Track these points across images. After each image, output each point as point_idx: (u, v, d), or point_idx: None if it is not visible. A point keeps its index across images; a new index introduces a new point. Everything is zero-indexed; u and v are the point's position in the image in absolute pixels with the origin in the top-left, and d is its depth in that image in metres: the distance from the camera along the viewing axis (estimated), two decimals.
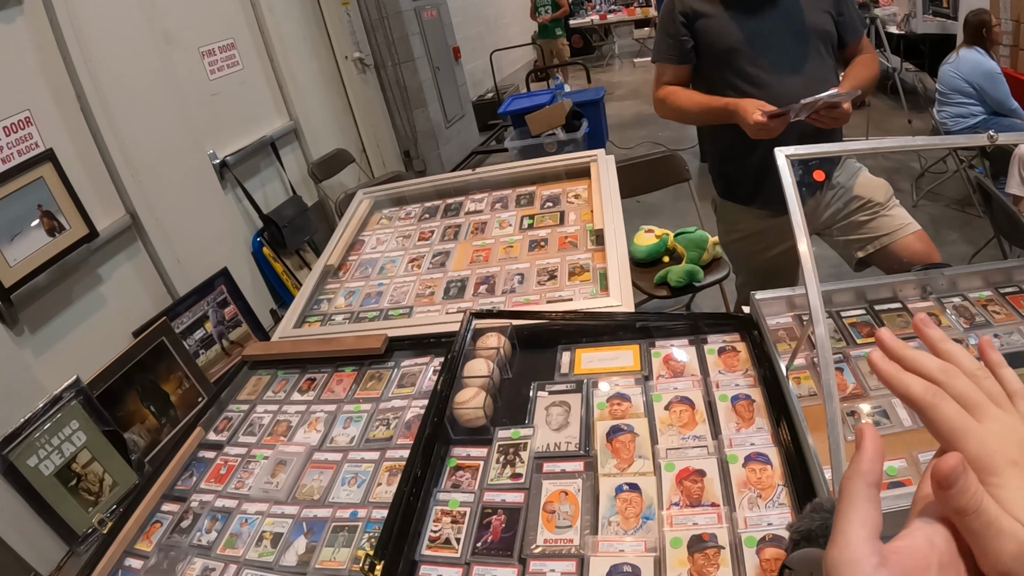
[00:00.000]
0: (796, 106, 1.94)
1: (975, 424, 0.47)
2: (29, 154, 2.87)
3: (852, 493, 0.47)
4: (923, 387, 0.49)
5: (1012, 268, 1.73)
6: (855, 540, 0.45)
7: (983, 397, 0.49)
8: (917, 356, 0.53)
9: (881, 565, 0.43)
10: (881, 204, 2.31)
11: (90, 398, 2.50)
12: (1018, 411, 0.50)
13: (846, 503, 0.47)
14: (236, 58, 4.65)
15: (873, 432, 0.50)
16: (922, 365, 0.52)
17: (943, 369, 0.51)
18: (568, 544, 1.21)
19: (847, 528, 0.46)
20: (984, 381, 0.51)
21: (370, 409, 1.72)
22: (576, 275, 2.08)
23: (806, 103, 1.92)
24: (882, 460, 0.48)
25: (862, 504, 0.47)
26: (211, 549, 1.45)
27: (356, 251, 2.60)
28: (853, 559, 0.44)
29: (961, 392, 0.49)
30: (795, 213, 1.28)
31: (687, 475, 1.28)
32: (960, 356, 0.53)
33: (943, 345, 0.55)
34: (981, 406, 0.49)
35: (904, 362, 0.52)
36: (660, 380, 1.54)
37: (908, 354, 0.53)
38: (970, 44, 4.83)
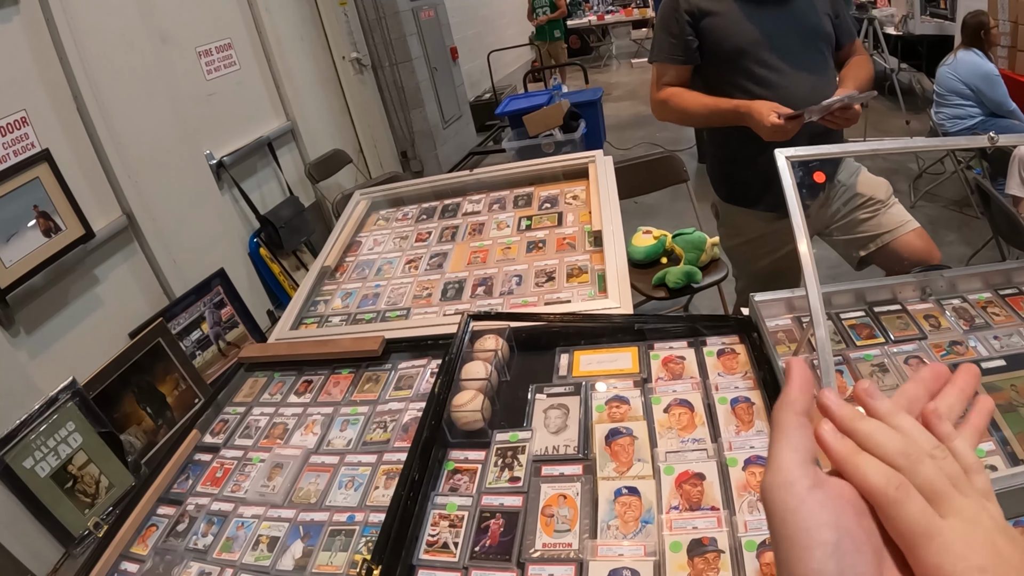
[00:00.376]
0: (812, 108, 1.93)
1: (939, 523, 0.43)
2: (25, 154, 2.87)
3: (782, 421, 0.48)
4: (886, 478, 0.45)
5: (1011, 270, 1.72)
6: (787, 463, 0.45)
7: (947, 484, 0.45)
8: (873, 433, 0.47)
9: (815, 486, 0.44)
10: (882, 202, 2.31)
11: (86, 399, 2.49)
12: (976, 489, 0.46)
13: (777, 431, 0.48)
14: (233, 58, 4.64)
15: (800, 364, 0.50)
16: (880, 446, 0.47)
17: (905, 453, 0.46)
18: (567, 548, 1.20)
19: (779, 454, 0.46)
20: (944, 462, 0.46)
21: (367, 412, 1.71)
22: (574, 276, 2.07)
23: (824, 105, 1.92)
24: (810, 390, 0.49)
25: (792, 431, 0.47)
26: (207, 553, 1.44)
27: (353, 252, 2.59)
28: (787, 481, 0.44)
29: (925, 481, 0.44)
30: (795, 214, 1.27)
31: (687, 478, 1.27)
32: (917, 433, 0.48)
33: (895, 420, 0.49)
34: (945, 496, 0.44)
35: (857, 438, 0.48)
36: (659, 382, 1.53)
37: (861, 428, 0.48)
38: (968, 46, 4.82)
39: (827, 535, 0.42)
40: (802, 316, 1.66)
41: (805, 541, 0.42)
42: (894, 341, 1.56)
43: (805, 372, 0.49)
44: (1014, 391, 1.37)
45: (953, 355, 1.50)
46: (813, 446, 0.47)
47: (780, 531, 0.43)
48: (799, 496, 0.43)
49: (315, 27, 5.86)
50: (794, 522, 0.43)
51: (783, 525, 0.43)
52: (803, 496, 0.43)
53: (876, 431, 0.48)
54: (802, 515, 0.43)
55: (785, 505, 0.44)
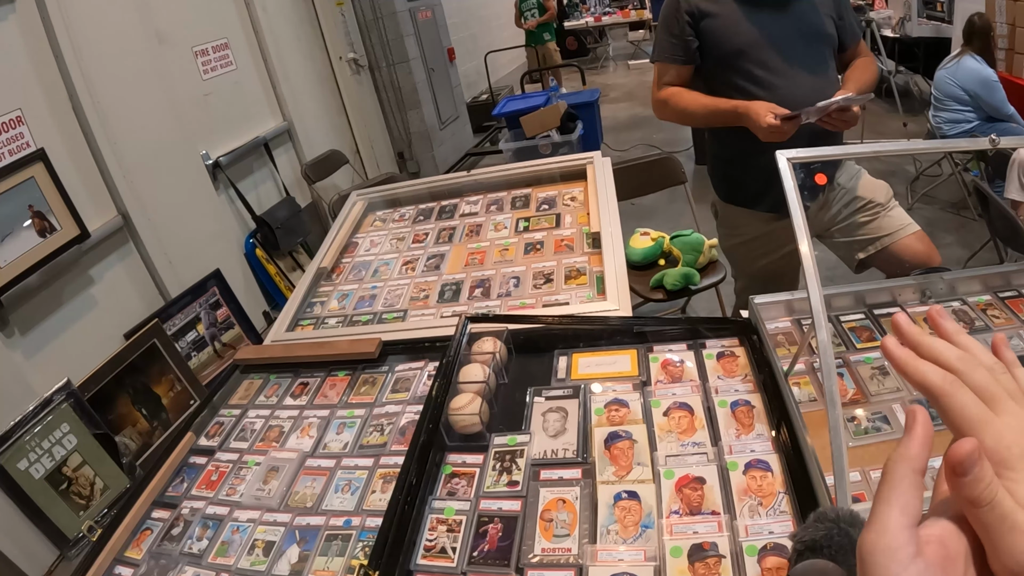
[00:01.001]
0: (809, 109, 1.93)
1: (992, 416, 0.45)
2: (20, 154, 2.85)
3: (896, 477, 0.45)
4: (940, 375, 0.48)
5: (1010, 272, 1.72)
6: (894, 527, 0.43)
7: (1000, 390, 0.48)
8: (934, 344, 0.51)
9: (918, 555, 0.42)
10: (882, 205, 2.31)
11: (81, 401, 2.48)
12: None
13: (888, 487, 0.45)
14: (230, 58, 4.63)
15: (925, 417, 0.47)
16: (939, 353, 0.50)
17: (961, 358, 0.49)
18: (566, 553, 1.19)
19: (887, 513, 0.44)
20: (1001, 376, 0.49)
21: (364, 415, 1.69)
22: (572, 278, 2.06)
23: (821, 106, 1.92)
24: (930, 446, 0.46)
25: (906, 490, 0.45)
26: (202, 557, 1.43)
27: (350, 253, 2.58)
28: (891, 547, 0.43)
29: (978, 383, 0.48)
30: (796, 216, 1.26)
31: (687, 482, 1.27)
32: (977, 350, 0.51)
33: (959, 337, 0.53)
34: (998, 399, 0.47)
35: (920, 349, 0.51)
36: (658, 385, 1.52)
37: (925, 341, 0.51)
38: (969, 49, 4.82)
39: None
40: (802, 318, 1.65)
41: None
42: None
43: (929, 427, 0.47)
44: None
45: None
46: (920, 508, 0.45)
47: None
48: (902, 564, 0.42)
49: (312, 27, 5.85)
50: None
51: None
52: (906, 565, 0.42)
53: (936, 343, 0.51)
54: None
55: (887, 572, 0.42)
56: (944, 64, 4.99)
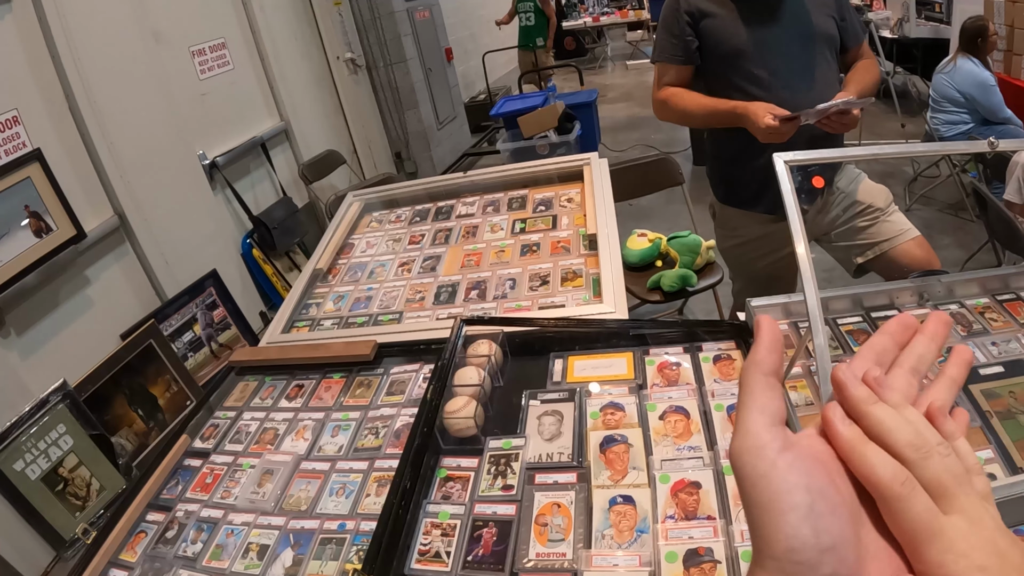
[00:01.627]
0: (809, 111, 1.93)
1: (943, 521, 0.42)
2: (16, 154, 2.84)
3: (750, 383, 0.47)
4: (892, 472, 0.43)
5: (1009, 275, 1.71)
6: (756, 427, 0.44)
7: (952, 482, 0.44)
8: (885, 420, 0.45)
9: (785, 449, 0.43)
10: (881, 210, 2.30)
11: (77, 401, 2.47)
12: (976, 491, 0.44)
13: (745, 394, 0.47)
14: (227, 58, 4.62)
15: (770, 322, 0.49)
16: (890, 434, 0.45)
17: (915, 445, 0.44)
18: (561, 558, 1.18)
19: (747, 417, 0.45)
20: (947, 459, 0.45)
21: (359, 417, 1.69)
22: (569, 280, 2.06)
23: (820, 108, 1.91)
24: (780, 350, 0.48)
25: (760, 392, 0.46)
26: (196, 561, 1.42)
27: (346, 254, 2.57)
28: (756, 445, 0.43)
29: (932, 476, 0.43)
30: (793, 219, 1.26)
31: (682, 487, 1.26)
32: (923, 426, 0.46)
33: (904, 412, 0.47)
34: (949, 494, 0.43)
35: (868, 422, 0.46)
36: (655, 389, 1.51)
37: (874, 414, 0.46)
38: (965, 52, 4.82)
39: (800, 498, 0.41)
40: (799, 321, 1.64)
41: (777, 505, 0.41)
42: None
43: (775, 331, 0.48)
44: (1012, 398, 1.36)
45: None
46: (781, 408, 0.46)
47: (751, 496, 0.43)
48: (769, 460, 0.42)
49: (309, 27, 5.83)
50: (765, 486, 0.42)
51: (754, 490, 0.42)
52: (773, 460, 0.42)
53: (888, 419, 0.46)
54: (773, 479, 0.42)
55: (755, 470, 0.43)
56: (941, 67, 4.99)
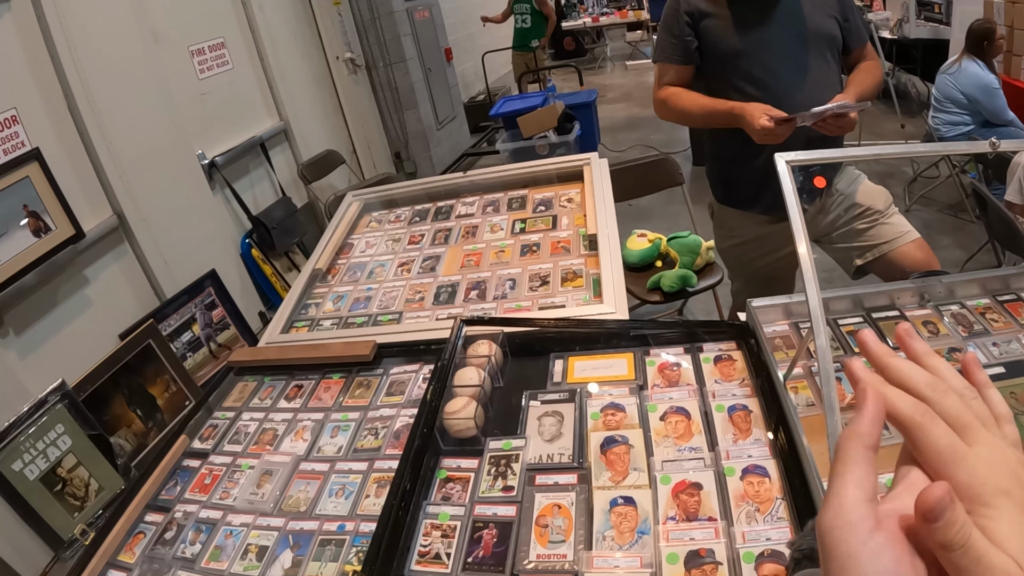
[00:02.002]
0: (805, 113, 1.92)
1: (965, 449, 0.44)
2: (15, 153, 2.84)
3: (849, 455, 0.45)
4: (911, 406, 0.46)
5: (1010, 276, 1.71)
6: (850, 502, 0.43)
7: (973, 419, 0.46)
8: (903, 367, 0.49)
9: (876, 529, 0.42)
10: (881, 212, 2.29)
11: (76, 401, 2.46)
12: (1004, 435, 0.47)
13: (842, 464, 0.45)
14: (226, 57, 4.61)
15: (876, 392, 0.47)
16: (908, 378, 0.48)
17: (931, 385, 0.47)
18: (562, 560, 1.18)
19: (842, 490, 0.44)
20: (972, 402, 0.48)
21: (358, 418, 1.68)
22: (569, 281, 2.06)
23: (816, 111, 1.91)
24: (882, 422, 0.46)
25: (859, 466, 0.45)
26: (195, 562, 1.42)
27: (345, 254, 2.57)
28: (848, 522, 0.43)
29: (950, 412, 0.46)
30: (795, 220, 1.25)
31: (683, 488, 1.26)
32: (947, 372, 0.50)
33: (929, 359, 0.51)
34: (971, 428, 0.45)
35: (887, 372, 0.49)
36: (655, 389, 1.51)
37: (892, 363, 0.49)
38: (970, 54, 4.82)
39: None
40: (800, 322, 1.64)
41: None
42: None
43: (880, 404, 0.47)
44: (1014, 399, 1.36)
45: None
46: (876, 483, 0.45)
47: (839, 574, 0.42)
48: (861, 539, 0.42)
49: (309, 26, 5.83)
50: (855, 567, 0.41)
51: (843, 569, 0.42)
52: (864, 539, 0.42)
53: (905, 366, 0.49)
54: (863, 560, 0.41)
55: (847, 548, 0.42)
56: (946, 67, 4.98)
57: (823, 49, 2.21)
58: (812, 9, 2.18)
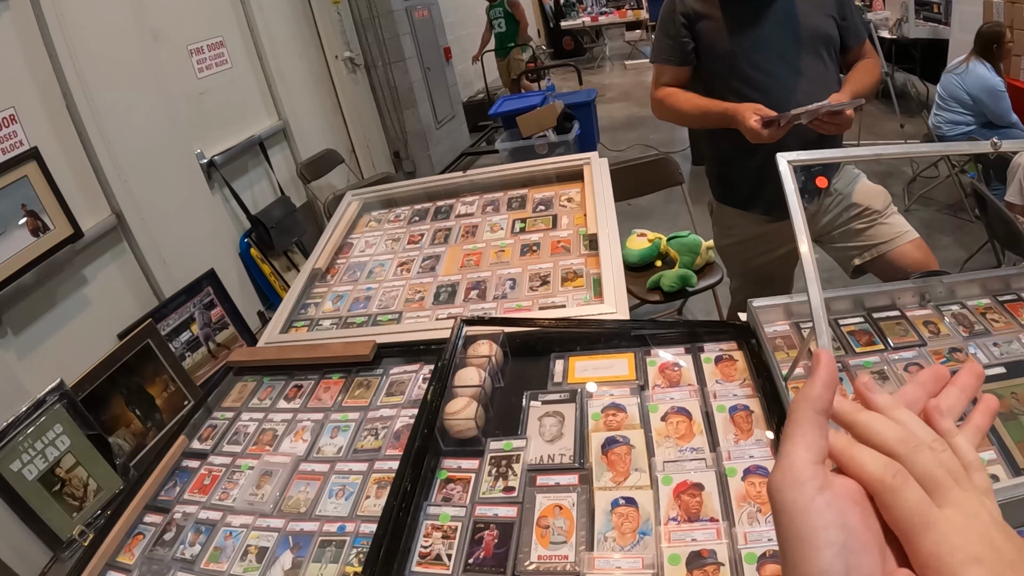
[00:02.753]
0: (796, 112, 1.92)
1: (936, 514, 0.43)
2: (13, 152, 2.84)
3: (800, 418, 0.47)
4: (882, 466, 0.45)
5: (1010, 276, 1.71)
6: (799, 463, 0.45)
7: (945, 475, 0.45)
8: (872, 424, 0.48)
9: (824, 488, 0.44)
10: (879, 212, 2.29)
11: (74, 401, 2.46)
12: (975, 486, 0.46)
13: (793, 427, 0.47)
14: (225, 56, 4.61)
15: (829, 359, 0.49)
16: (878, 434, 0.47)
17: (903, 440, 0.46)
18: (563, 560, 1.17)
19: (791, 451, 0.46)
20: (942, 455, 0.46)
21: (358, 418, 1.67)
22: (569, 280, 2.05)
23: (809, 109, 1.91)
24: (834, 388, 0.48)
25: (808, 429, 0.46)
26: (195, 563, 1.41)
27: (344, 254, 2.56)
28: (797, 481, 0.44)
29: (922, 470, 0.45)
30: (797, 220, 1.25)
31: (685, 489, 1.25)
32: (915, 425, 0.49)
33: (895, 413, 0.49)
34: (942, 487, 0.44)
35: (856, 430, 0.49)
36: (656, 390, 1.50)
37: (861, 419, 0.49)
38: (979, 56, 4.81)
39: (835, 535, 0.42)
40: (801, 322, 1.64)
41: (813, 541, 0.42)
42: (894, 348, 1.54)
43: (832, 369, 0.49)
44: (1014, 399, 1.36)
45: (953, 362, 1.48)
46: (826, 447, 0.46)
47: (788, 530, 0.44)
48: (808, 496, 0.43)
49: (308, 26, 5.83)
50: (803, 521, 0.43)
51: (791, 524, 0.43)
52: (812, 496, 0.43)
53: (873, 421, 0.48)
54: (811, 515, 0.43)
55: (795, 505, 0.44)
56: (953, 67, 4.97)
57: (819, 49, 2.21)
58: (808, 9, 2.18)
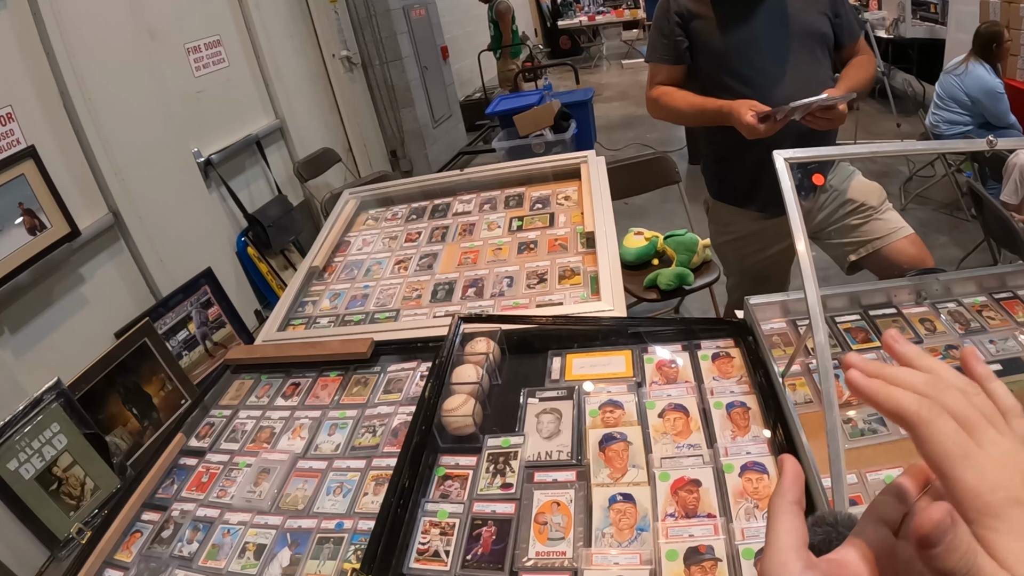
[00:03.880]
0: (790, 107, 1.92)
1: (975, 448, 0.41)
2: (10, 151, 2.83)
3: (777, 510, 0.50)
4: (915, 401, 0.44)
5: (1006, 274, 1.72)
6: (782, 546, 0.47)
7: (979, 416, 0.43)
8: (898, 373, 0.47)
9: (808, 568, 0.46)
10: (874, 208, 2.30)
11: (71, 400, 2.45)
12: (1013, 431, 0.44)
13: (773, 519, 0.49)
14: (222, 55, 4.60)
15: (792, 460, 0.53)
16: (906, 379, 0.46)
17: (931, 383, 0.46)
18: (561, 557, 1.18)
19: (775, 538, 0.48)
20: (976, 398, 0.45)
21: (355, 415, 1.68)
22: (566, 278, 2.05)
23: (800, 105, 1.91)
24: (801, 482, 0.51)
25: (786, 517, 0.49)
26: (192, 560, 1.42)
27: (342, 252, 2.57)
28: (782, 562, 0.46)
29: (954, 409, 0.43)
30: (794, 217, 1.25)
31: (682, 485, 1.26)
32: (944, 371, 0.48)
33: (921, 361, 0.49)
34: (978, 427, 0.43)
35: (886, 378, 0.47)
36: (653, 387, 1.51)
37: (887, 372, 0.48)
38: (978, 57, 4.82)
39: None
40: (798, 319, 1.64)
41: None
42: None
43: (797, 467, 0.52)
44: None
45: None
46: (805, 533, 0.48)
47: None
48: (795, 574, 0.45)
49: (305, 24, 5.82)
50: None
51: None
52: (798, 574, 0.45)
53: (901, 371, 0.48)
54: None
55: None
56: (951, 67, 4.98)
57: (812, 46, 2.21)
58: (801, 6, 2.18)
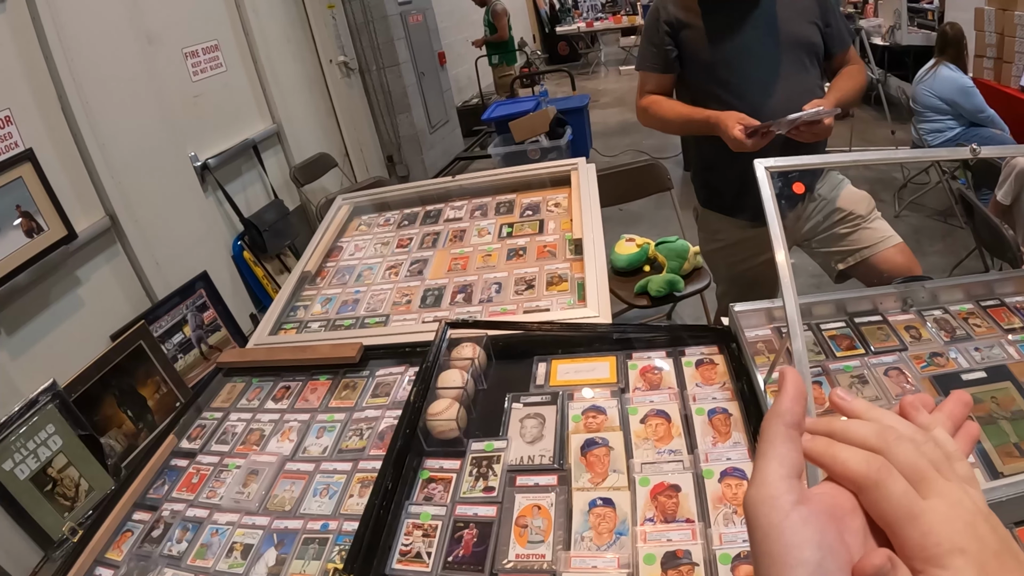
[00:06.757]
0: (778, 121, 1.94)
1: (921, 505, 0.42)
2: (8, 153, 2.85)
3: (771, 433, 0.47)
4: (864, 461, 0.44)
5: (993, 281, 1.72)
6: (772, 478, 0.44)
7: (928, 466, 0.44)
8: (848, 427, 0.48)
9: (800, 502, 0.43)
10: (863, 217, 2.31)
11: (66, 402, 2.47)
12: (958, 475, 0.45)
13: (765, 443, 0.47)
14: (220, 60, 4.62)
15: (794, 374, 0.49)
16: (855, 434, 0.47)
17: (880, 434, 0.46)
18: (540, 560, 1.20)
19: (764, 467, 0.45)
20: (924, 446, 0.46)
21: (344, 419, 1.70)
22: (554, 285, 2.07)
23: (788, 119, 1.92)
24: (803, 402, 0.48)
25: (780, 444, 0.46)
26: (181, 560, 1.43)
27: (334, 257, 2.58)
28: (771, 495, 0.43)
29: (904, 461, 0.44)
30: (773, 226, 1.27)
31: (662, 490, 1.27)
32: (893, 420, 0.49)
33: (871, 414, 0.50)
34: (926, 478, 0.44)
35: (835, 436, 0.48)
36: (636, 393, 1.52)
37: (837, 428, 0.48)
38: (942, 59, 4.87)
39: (810, 554, 0.40)
40: (782, 327, 1.66)
41: (787, 559, 0.41)
42: (874, 352, 1.56)
43: (799, 383, 0.48)
44: (994, 403, 1.37)
45: (933, 367, 1.50)
46: (800, 460, 0.46)
47: (762, 547, 0.43)
48: (783, 511, 0.42)
49: (302, 29, 5.83)
50: (777, 538, 0.42)
51: (765, 541, 0.42)
52: (787, 511, 0.42)
53: (850, 424, 0.48)
54: (785, 532, 0.42)
55: (768, 521, 0.43)
56: (921, 77, 5.02)
57: (801, 56, 2.22)
58: (790, 16, 2.19)
